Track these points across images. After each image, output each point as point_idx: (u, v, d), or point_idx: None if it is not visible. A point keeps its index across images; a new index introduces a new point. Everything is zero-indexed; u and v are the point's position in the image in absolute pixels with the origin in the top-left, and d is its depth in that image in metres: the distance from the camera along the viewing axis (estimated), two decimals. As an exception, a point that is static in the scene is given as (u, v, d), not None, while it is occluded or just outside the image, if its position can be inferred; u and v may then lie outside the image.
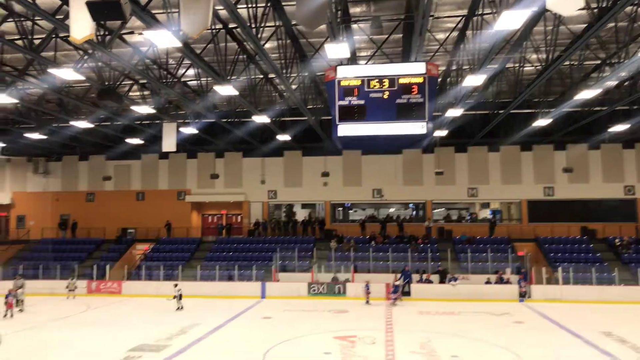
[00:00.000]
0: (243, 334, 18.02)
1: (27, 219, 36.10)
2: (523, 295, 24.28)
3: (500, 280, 25.72)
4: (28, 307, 22.76)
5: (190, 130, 25.88)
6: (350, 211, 35.75)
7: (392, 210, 35.30)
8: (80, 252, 32.40)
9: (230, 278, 27.76)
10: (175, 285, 23.33)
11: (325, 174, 31.16)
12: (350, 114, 14.65)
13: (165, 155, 33.66)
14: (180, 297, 22.64)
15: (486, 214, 34.68)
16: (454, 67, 20.32)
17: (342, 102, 15.08)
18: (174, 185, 34.95)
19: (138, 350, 15.23)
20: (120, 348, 15.39)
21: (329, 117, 22.79)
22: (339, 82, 14.51)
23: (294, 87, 20.43)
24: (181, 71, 20.29)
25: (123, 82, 21.41)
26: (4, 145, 30.09)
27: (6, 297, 21.36)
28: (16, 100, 20.34)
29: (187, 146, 30.28)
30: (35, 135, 26.83)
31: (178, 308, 22.46)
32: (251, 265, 28.30)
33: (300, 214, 35.31)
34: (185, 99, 22.08)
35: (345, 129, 14.70)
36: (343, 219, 34.98)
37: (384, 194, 32.97)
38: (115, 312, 22.59)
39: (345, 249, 29.99)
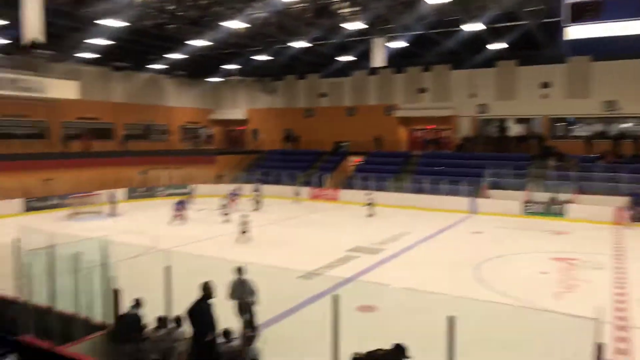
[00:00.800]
0: (452, 245, 18.33)
1: (259, 132, 41.29)
2: None
3: None
4: (264, 208, 26.72)
5: (398, 44, 25.66)
6: (574, 126, 31.99)
7: (627, 125, 30.47)
8: (302, 162, 36.06)
9: (438, 192, 27.99)
10: (367, 194, 25.29)
11: (545, 85, 28.16)
12: (583, 14, 12.72)
13: (373, 71, 34.28)
14: (371, 204, 24.57)
15: None
16: None
17: (573, 0, 13.15)
18: (382, 100, 35.68)
19: (355, 251, 16.79)
20: (340, 247, 17.16)
21: (552, 20, 20.14)
22: (571, -25, 12.58)
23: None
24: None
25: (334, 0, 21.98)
26: (238, 67, 34.18)
27: (231, 195, 25.87)
28: (245, 25, 22.66)
29: (395, 61, 30.23)
30: (262, 57, 29.78)
31: (369, 215, 24.26)
32: (459, 180, 27.98)
33: (513, 130, 32.98)
34: (394, 11, 21.75)
35: (577, 31, 12.90)
36: (564, 135, 31.59)
37: (619, 106, 28.49)
38: (333, 216, 24.98)
39: (566, 167, 27.33)
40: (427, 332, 9.19)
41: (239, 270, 9.24)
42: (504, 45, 25.52)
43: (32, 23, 14.34)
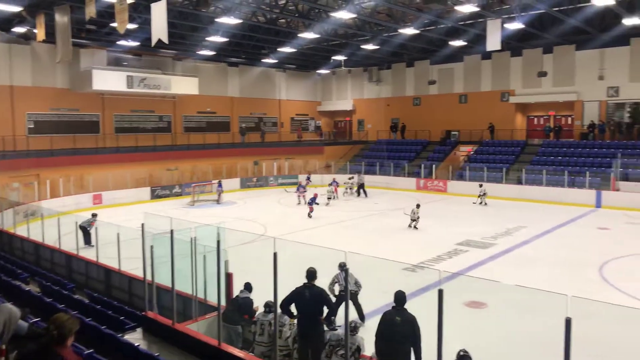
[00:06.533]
0: (574, 242, 16.89)
1: (365, 123, 41.29)
2: None
3: None
4: (370, 197, 26.73)
5: (515, 25, 24.01)
6: None
7: None
8: (409, 152, 35.45)
9: (558, 184, 25.98)
10: (480, 185, 25.15)
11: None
12: None
13: (488, 55, 32.52)
14: (484, 194, 24.76)
15: None
16: None
17: None
18: (497, 86, 33.73)
19: (465, 245, 16.14)
20: (449, 240, 16.61)
21: None
22: None
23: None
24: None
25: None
26: (345, 58, 34.33)
27: (330, 184, 26.88)
28: (354, 15, 22.62)
29: (512, 43, 28.37)
30: (370, 46, 29.59)
31: (481, 203, 24.73)
32: (583, 172, 25.70)
33: (650, 114, 29.49)
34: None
35: None
36: None
37: None
38: (442, 208, 24.24)
39: None
40: (541, 333, 8.59)
41: (343, 265, 9.28)
42: (638, 20, 22.80)
43: (159, 25, 15.58)
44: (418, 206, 19.35)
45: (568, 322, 4.29)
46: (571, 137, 30.90)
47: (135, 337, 7.41)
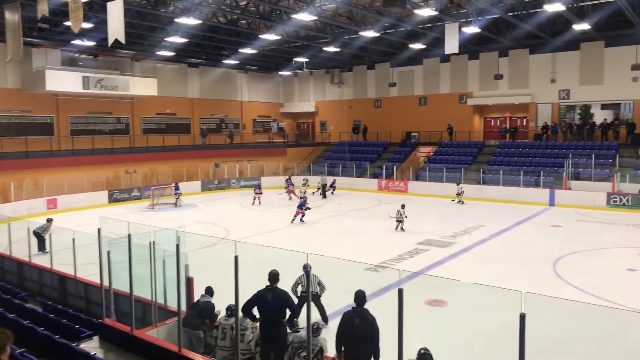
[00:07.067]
0: (529, 239, 17.45)
1: (327, 124, 41.46)
2: None
3: None
4: (330, 199, 26.82)
5: (472, 29, 24.66)
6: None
7: None
8: (371, 154, 35.82)
9: (514, 183, 26.81)
10: (458, 184, 26.03)
11: (638, 67, 25.96)
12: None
13: (446, 59, 33.22)
14: (461, 193, 25.66)
15: None
16: None
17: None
18: (455, 88, 34.52)
19: (425, 244, 16.43)
20: (409, 240, 16.87)
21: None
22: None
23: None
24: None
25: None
26: (307, 60, 34.40)
27: (287, 182, 28.01)
28: (314, 17, 22.69)
29: (469, 47, 29.11)
30: (331, 49, 29.77)
31: (459, 201, 25.50)
32: (538, 171, 26.62)
33: (599, 116, 30.75)
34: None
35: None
36: (657, 121, 29.05)
37: None
38: (403, 209, 24.56)
39: (658, 156, 25.19)
40: (498, 329, 8.85)
41: (305, 267, 9.35)
42: (587, 26, 23.80)
43: (115, 25, 15.18)
44: (403, 206, 18.94)
45: (522, 317, 4.43)
46: (526, 138, 31.94)
47: (92, 346, 7.20)
